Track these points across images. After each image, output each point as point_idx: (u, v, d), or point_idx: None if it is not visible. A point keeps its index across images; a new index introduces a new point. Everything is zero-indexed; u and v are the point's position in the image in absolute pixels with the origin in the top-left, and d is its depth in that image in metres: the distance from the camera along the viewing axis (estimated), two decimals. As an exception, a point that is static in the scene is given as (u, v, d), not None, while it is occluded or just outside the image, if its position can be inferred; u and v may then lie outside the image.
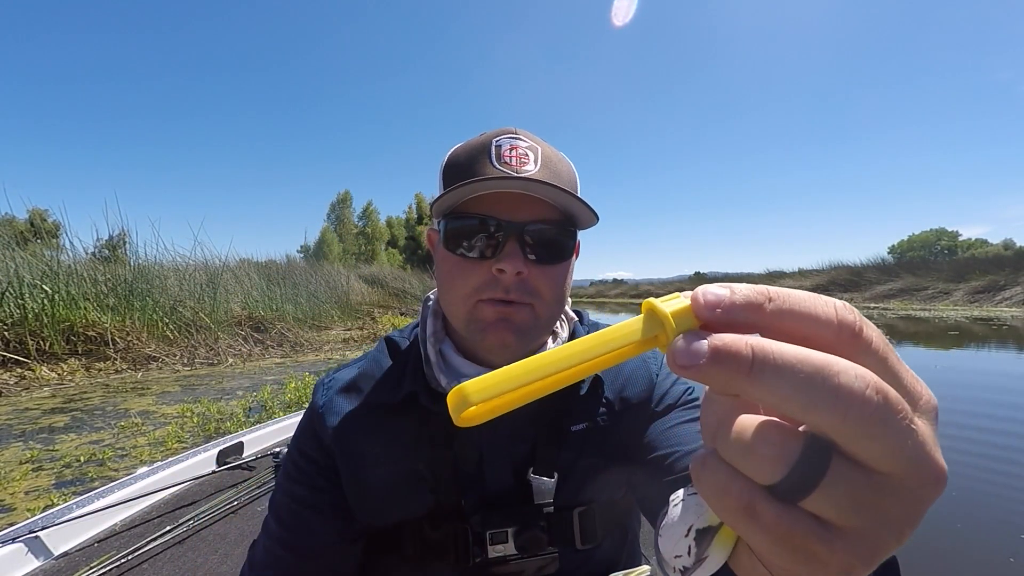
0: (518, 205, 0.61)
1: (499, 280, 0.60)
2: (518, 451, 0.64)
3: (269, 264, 13.63)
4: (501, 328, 0.61)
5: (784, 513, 0.19)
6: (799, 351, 0.19)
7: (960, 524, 2.35)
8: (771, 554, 0.20)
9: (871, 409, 0.18)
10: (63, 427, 4.09)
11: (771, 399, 0.19)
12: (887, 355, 0.20)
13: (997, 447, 3.46)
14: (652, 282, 63.02)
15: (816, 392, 0.18)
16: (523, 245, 0.61)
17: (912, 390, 0.20)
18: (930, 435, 0.19)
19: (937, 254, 57.41)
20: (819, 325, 0.20)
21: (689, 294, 0.23)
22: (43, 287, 6.56)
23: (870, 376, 0.18)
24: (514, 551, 0.60)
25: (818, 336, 0.20)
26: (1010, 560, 2.06)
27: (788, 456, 0.18)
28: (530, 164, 0.62)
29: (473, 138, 0.67)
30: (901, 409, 0.18)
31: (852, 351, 0.20)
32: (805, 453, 0.18)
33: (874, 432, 0.18)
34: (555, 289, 0.64)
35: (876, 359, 0.20)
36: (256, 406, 4.82)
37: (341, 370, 0.74)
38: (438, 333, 0.70)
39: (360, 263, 29.75)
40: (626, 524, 0.73)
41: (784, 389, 0.18)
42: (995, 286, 20.73)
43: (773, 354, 0.19)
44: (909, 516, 0.19)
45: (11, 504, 2.63)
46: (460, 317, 0.64)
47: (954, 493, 2.70)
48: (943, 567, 2.02)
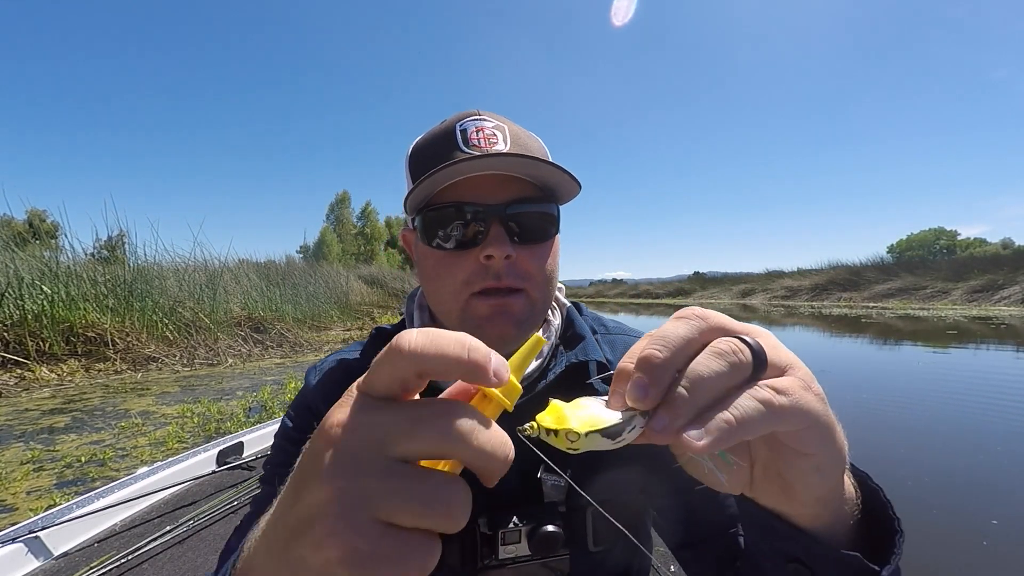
0: (495, 187, 0.58)
1: (488, 268, 0.58)
2: (524, 449, 0.63)
3: (268, 264, 13.61)
4: (499, 321, 0.59)
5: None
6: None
7: (936, 510, 2.51)
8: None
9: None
10: (63, 427, 4.08)
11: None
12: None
13: (971, 437, 3.63)
14: (651, 282, 62.92)
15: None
16: (507, 227, 0.58)
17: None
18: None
19: (936, 253, 57.33)
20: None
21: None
22: (42, 288, 6.54)
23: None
24: (527, 551, 0.57)
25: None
26: (983, 543, 2.21)
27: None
28: (500, 144, 0.59)
29: (434, 126, 0.65)
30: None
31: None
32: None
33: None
34: (544, 269, 0.61)
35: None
36: (256, 406, 4.81)
37: (333, 356, 0.72)
38: (426, 325, 0.67)
39: (359, 263, 29.68)
40: (639, 528, 0.69)
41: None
42: (993, 285, 20.73)
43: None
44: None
45: (13, 504, 2.63)
46: (453, 314, 0.61)
47: (930, 481, 2.87)
48: (919, 551, 2.15)
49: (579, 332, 0.70)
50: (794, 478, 0.32)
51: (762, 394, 0.28)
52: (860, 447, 3.39)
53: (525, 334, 0.61)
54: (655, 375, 0.28)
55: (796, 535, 0.37)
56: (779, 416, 0.28)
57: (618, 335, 0.74)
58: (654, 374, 0.28)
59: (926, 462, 3.17)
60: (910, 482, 2.82)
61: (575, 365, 0.65)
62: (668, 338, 0.29)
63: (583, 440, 0.27)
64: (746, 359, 0.28)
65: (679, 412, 0.27)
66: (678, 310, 0.32)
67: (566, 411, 0.29)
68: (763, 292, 32.29)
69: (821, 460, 0.31)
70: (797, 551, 0.38)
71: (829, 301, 25.69)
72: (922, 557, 2.10)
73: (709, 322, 0.30)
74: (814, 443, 0.30)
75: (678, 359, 0.28)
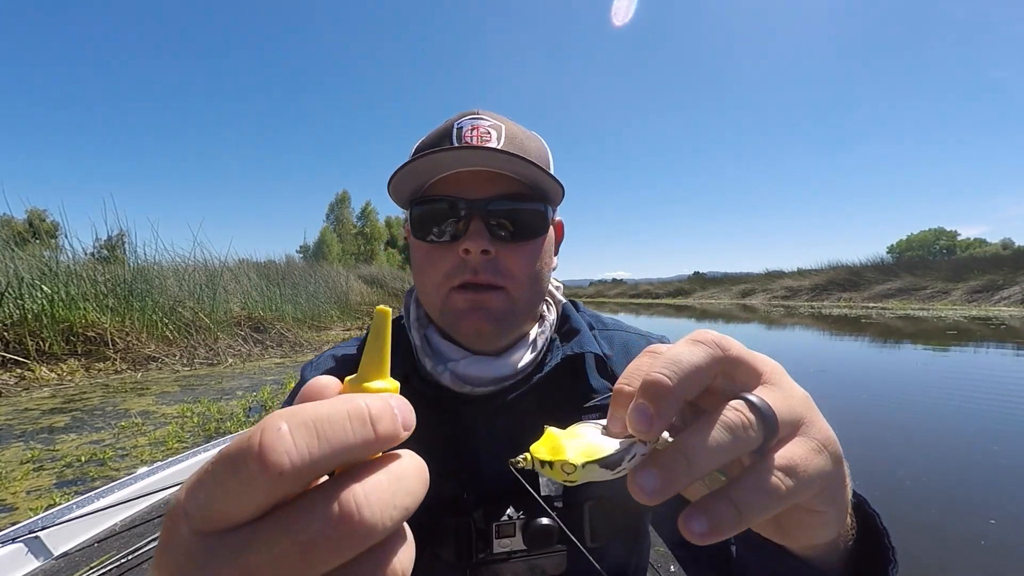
0: (482, 182, 0.59)
1: (466, 262, 0.58)
2: (521, 442, 0.62)
3: (268, 264, 13.59)
4: (474, 317, 0.59)
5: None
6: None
7: (935, 510, 2.51)
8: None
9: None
10: (63, 427, 4.08)
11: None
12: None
13: (970, 436, 3.64)
14: (651, 282, 62.93)
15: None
16: (488, 223, 0.58)
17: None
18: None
19: (936, 254, 57.36)
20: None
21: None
22: (42, 287, 6.54)
23: None
24: (522, 545, 0.56)
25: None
26: (981, 542, 2.22)
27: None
28: (492, 142, 0.59)
29: (438, 125, 0.65)
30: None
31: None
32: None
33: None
34: (527, 268, 0.61)
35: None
36: (256, 406, 4.81)
37: (329, 353, 0.72)
38: (421, 319, 0.68)
39: (359, 263, 29.68)
40: (637, 526, 0.69)
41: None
42: (993, 285, 20.73)
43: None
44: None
45: (13, 504, 2.63)
46: (434, 307, 0.62)
47: (929, 480, 2.88)
48: (919, 549, 2.16)
49: (575, 326, 0.70)
50: (793, 527, 0.30)
51: (766, 478, 0.25)
52: (859, 447, 3.40)
53: (502, 331, 0.61)
54: (661, 406, 0.25)
55: (785, 557, 0.36)
56: (787, 498, 0.26)
57: (616, 331, 0.74)
58: (660, 404, 0.25)
59: (925, 461, 3.17)
60: (909, 482, 2.82)
61: (571, 357, 0.65)
62: (681, 364, 0.26)
63: (580, 472, 0.25)
64: (755, 434, 0.26)
65: (672, 481, 0.25)
66: (694, 332, 0.29)
67: (562, 440, 0.27)
68: (763, 292, 32.26)
69: (828, 517, 0.30)
70: (785, 573, 0.38)
71: (829, 301, 25.67)
72: (921, 556, 2.10)
73: (728, 353, 0.27)
74: (823, 504, 0.29)
75: (687, 388, 0.26)
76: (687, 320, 18.32)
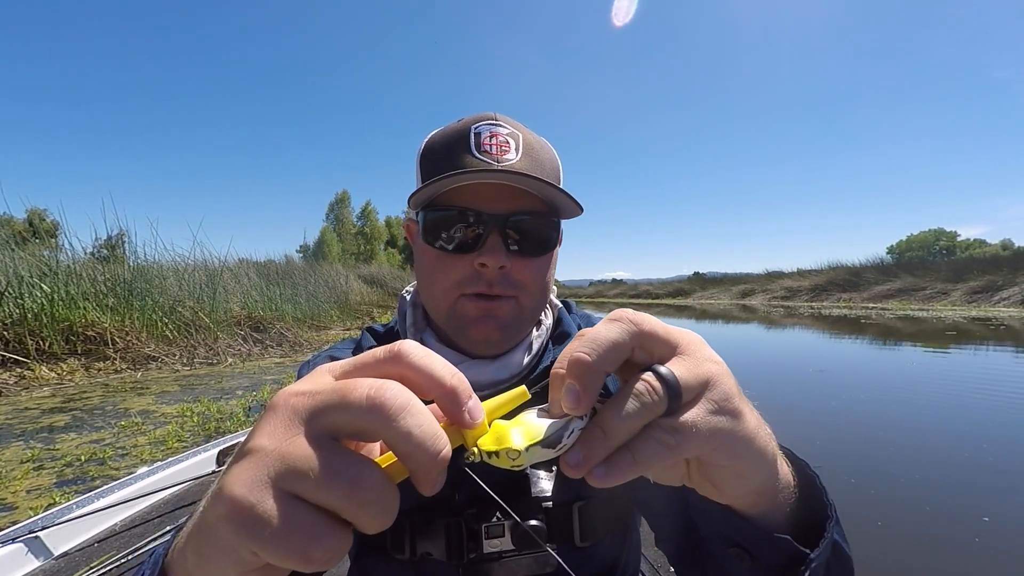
0: (500, 196, 0.59)
1: (481, 274, 0.59)
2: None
3: (268, 264, 13.60)
4: (484, 324, 0.60)
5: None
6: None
7: (928, 507, 2.54)
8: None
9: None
10: (63, 427, 4.08)
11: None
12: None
13: (964, 435, 3.68)
14: (651, 282, 62.92)
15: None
16: (505, 238, 0.59)
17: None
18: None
19: (935, 254, 57.40)
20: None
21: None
22: (42, 287, 6.54)
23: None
24: (511, 546, 0.56)
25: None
26: (975, 539, 2.24)
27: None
28: (511, 152, 0.59)
29: (451, 124, 0.65)
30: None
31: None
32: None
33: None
34: (539, 280, 0.62)
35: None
36: (256, 406, 4.81)
37: (324, 353, 0.72)
38: (419, 323, 0.69)
39: (359, 263, 29.69)
40: (627, 523, 0.69)
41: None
42: (993, 286, 20.75)
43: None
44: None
45: (13, 503, 2.62)
46: (441, 312, 0.62)
47: (923, 479, 2.90)
48: (913, 548, 2.17)
49: (566, 329, 0.72)
50: (717, 480, 0.34)
51: (658, 436, 0.29)
52: (857, 445, 3.43)
53: (510, 338, 0.62)
54: (585, 380, 0.28)
55: (733, 520, 0.38)
56: (676, 452, 0.29)
57: None
58: (584, 379, 0.28)
59: (921, 460, 3.19)
60: (903, 480, 2.83)
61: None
62: (598, 340, 0.29)
63: (525, 455, 0.27)
64: (660, 398, 0.29)
65: (593, 453, 0.28)
66: (612, 311, 0.32)
67: (508, 429, 0.29)
68: (763, 292, 32.30)
69: (739, 468, 0.33)
70: (736, 536, 0.40)
71: (829, 302, 25.69)
72: (915, 554, 2.11)
73: (640, 327, 0.31)
74: (726, 457, 0.32)
75: (607, 362, 0.29)
76: (687, 320, 18.28)
